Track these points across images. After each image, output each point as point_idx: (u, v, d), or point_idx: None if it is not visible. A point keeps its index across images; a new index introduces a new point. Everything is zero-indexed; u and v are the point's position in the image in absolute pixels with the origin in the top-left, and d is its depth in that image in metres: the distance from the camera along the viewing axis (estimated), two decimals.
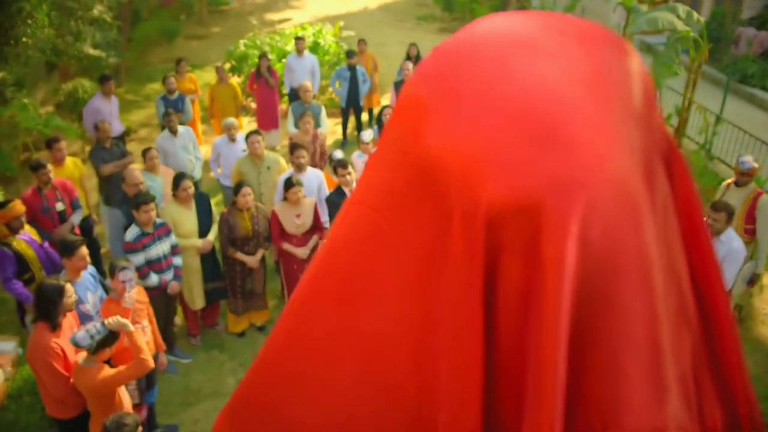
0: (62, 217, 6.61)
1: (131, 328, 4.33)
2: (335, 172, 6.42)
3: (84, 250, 5.01)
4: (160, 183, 6.90)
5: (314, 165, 7.57)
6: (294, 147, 6.78)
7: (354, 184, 6.40)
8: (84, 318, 4.97)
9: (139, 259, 5.67)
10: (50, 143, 7.12)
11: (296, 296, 0.71)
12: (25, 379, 5.25)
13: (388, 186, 0.64)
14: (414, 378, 0.67)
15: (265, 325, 6.92)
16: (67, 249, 4.97)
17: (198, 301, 6.47)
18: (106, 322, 4.18)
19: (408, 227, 0.62)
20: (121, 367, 4.35)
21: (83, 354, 4.25)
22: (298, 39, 10.94)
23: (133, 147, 9.48)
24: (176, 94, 9.64)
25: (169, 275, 5.95)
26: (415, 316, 0.63)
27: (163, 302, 5.98)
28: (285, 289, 6.75)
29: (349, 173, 6.32)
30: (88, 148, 10.06)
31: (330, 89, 12.71)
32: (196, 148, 8.37)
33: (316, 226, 6.50)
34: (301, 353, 0.70)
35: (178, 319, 6.82)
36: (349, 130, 11.49)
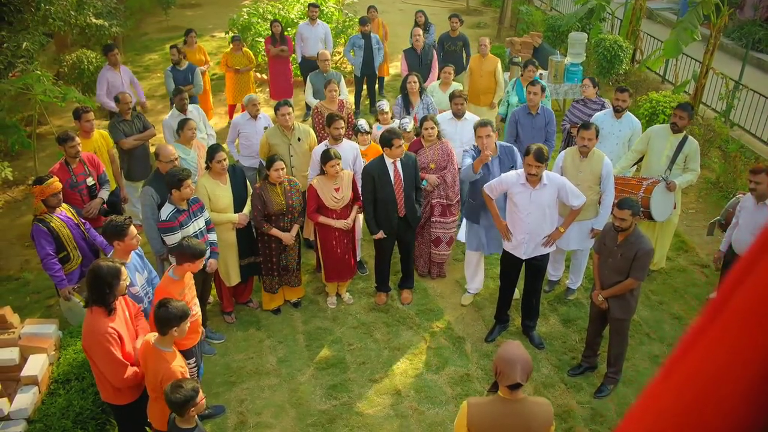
0: (91, 193, 6.34)
1: None
2: (388, 144, 6.02)
3: (134, 229, 4.76)
4: (194, 156, 6.63)
5: None
6: (331, 118, 6.53)
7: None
8: (133, 300, 4.75)
9: (176, 237, 5.38)
10: (79, 114, 6.82)
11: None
12: (70, 363, 5.04)
13: None
14: None
15: (299, 301, 6.74)
16: (117, 232, 4.69)
17: (234, 277, 6.27)
18: None
19: None
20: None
21: (155, 334, 4.07)
22: (312, 6, 10.57)
23: None
24: (185, 65, 9.26)
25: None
26: None
27: (199, 281, 5.73)
28: (321, 265, 6.57)
29: (401, 145, 6.06)
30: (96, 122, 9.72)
31: (335, 58, 12.39)
32: (206, 125, 8.04)
33: (354, 197, 6.32)
34: None
35: (211, 297, 6.63)
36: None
